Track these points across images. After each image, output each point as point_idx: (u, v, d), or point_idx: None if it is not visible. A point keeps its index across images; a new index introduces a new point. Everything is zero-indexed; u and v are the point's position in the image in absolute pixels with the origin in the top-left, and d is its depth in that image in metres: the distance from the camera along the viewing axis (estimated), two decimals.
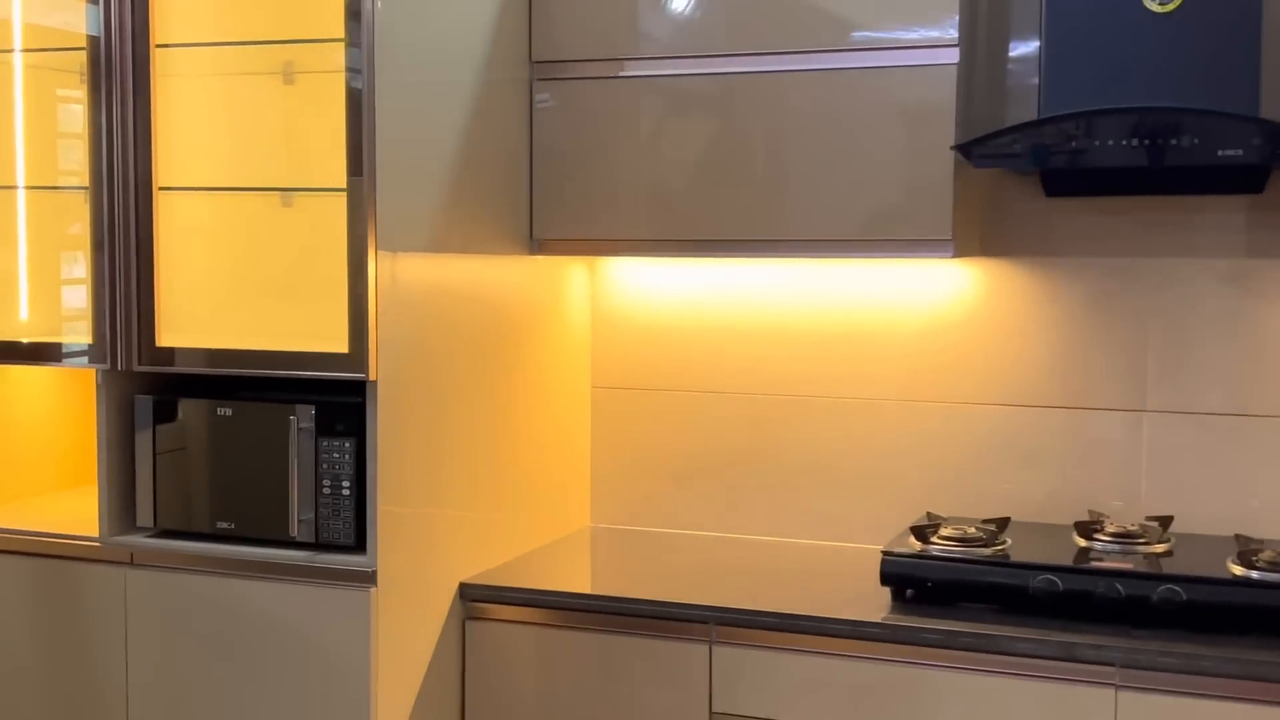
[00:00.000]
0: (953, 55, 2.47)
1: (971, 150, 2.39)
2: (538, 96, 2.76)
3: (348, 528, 2.40)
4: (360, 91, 2.30)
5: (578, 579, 2.79)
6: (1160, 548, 2.44)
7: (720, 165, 2.63)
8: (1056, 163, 2.38)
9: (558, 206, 2.77)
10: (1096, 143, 2.30)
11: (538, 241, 2.78)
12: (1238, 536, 2.42)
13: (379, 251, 2.32)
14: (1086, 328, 2.70)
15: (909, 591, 2.43)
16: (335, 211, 2.34)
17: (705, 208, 2.65)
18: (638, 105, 2.68)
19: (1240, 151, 2.22)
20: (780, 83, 2.58)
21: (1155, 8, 2.37)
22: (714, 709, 2.40)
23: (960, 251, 2.56)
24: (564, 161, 2.75)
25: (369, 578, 2.35)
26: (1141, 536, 2.47)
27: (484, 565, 2.66)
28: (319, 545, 2.43)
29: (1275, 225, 2.54)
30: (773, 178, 2.60)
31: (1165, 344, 2.65)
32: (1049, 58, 2.45)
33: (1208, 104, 2.28)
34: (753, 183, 2.61)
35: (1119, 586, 2.27)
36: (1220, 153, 2.23)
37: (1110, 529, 2.51)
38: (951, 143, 2.45)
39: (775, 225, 2.60)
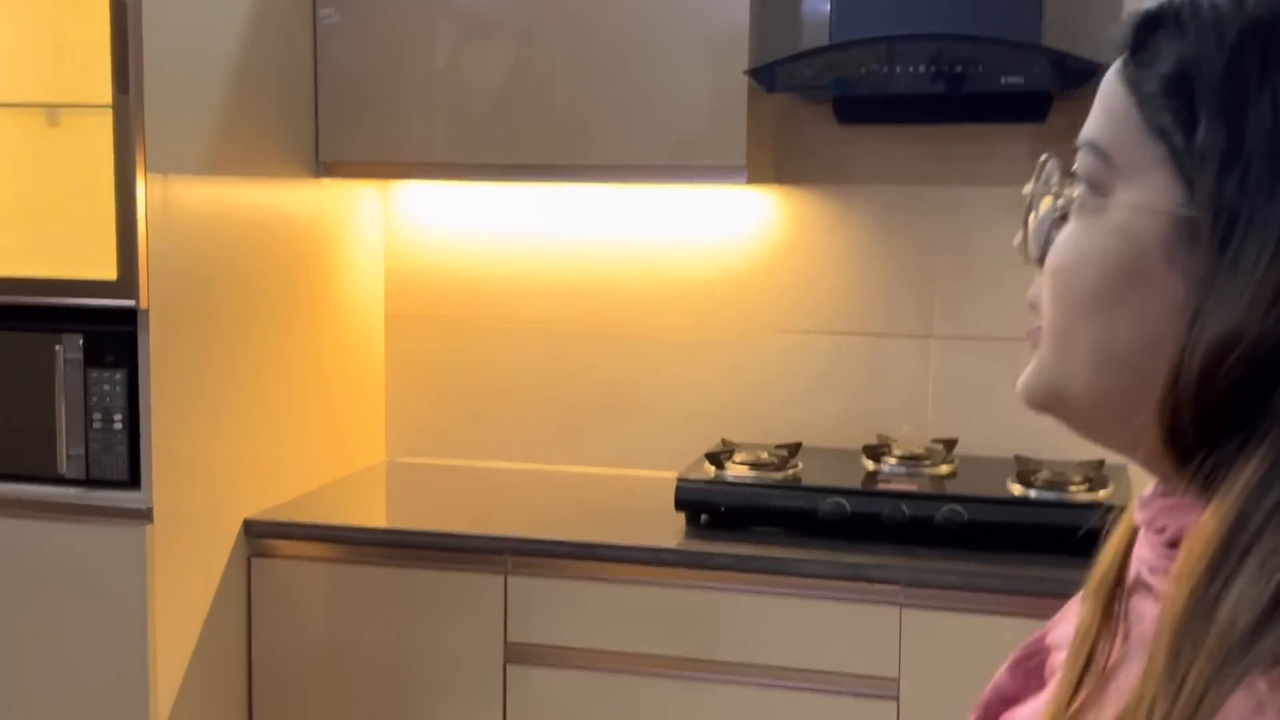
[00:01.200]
0: None
1: (764, 76, 2.38)
2: (322, 12, 2.64)
3: (121, 463, 2.28)
4: (125, 1, 2.16)
5: (370, 513, 2.73)
6: (944, 469, 2.50)
7: (517, 87, 2.57)
8: (847, 89, 2.39)
9: (346, 128, 2.67)
10: (885, 69, 2.31)
11: (324, 165, 2.68)
12: (1017, 457, 2.49)
13: (148, 174, 2.19)
14: (877, 255, 2.73)
15: (703, 517, 2.44)
16: (106, 131, 2.21)
17: (502, 131, 2.59)
18: (431, 24, 2.60)
19: (1022, 79, 2.26)
20: (578, 3, 2.52)
21: None
22: (509, 639, 2.38)
23: (754, 179, 2.55)
24: (352, 81, 2.65)
25: (144, 515, 2.25)
26: (927, 459, 2.53)
27: (271, 501, 2.57)
28: (90, 482, 2.31)
29: (1058, 155, 2.60)
30: (570, 102, 2.55)
31: (952, 272, 2.70)
32: None
33: (992, 31, 2.31)
34: (550, 106, 2.56)
35: (904, 508, 2.31)
36: (1003, 80, 2.27)
37: (897, 452, 2.56)
38: (746, 67, 2.44)
39: (572, 150, 2.56)
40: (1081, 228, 0.68)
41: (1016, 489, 2.36)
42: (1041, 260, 0.71)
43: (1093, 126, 0.68)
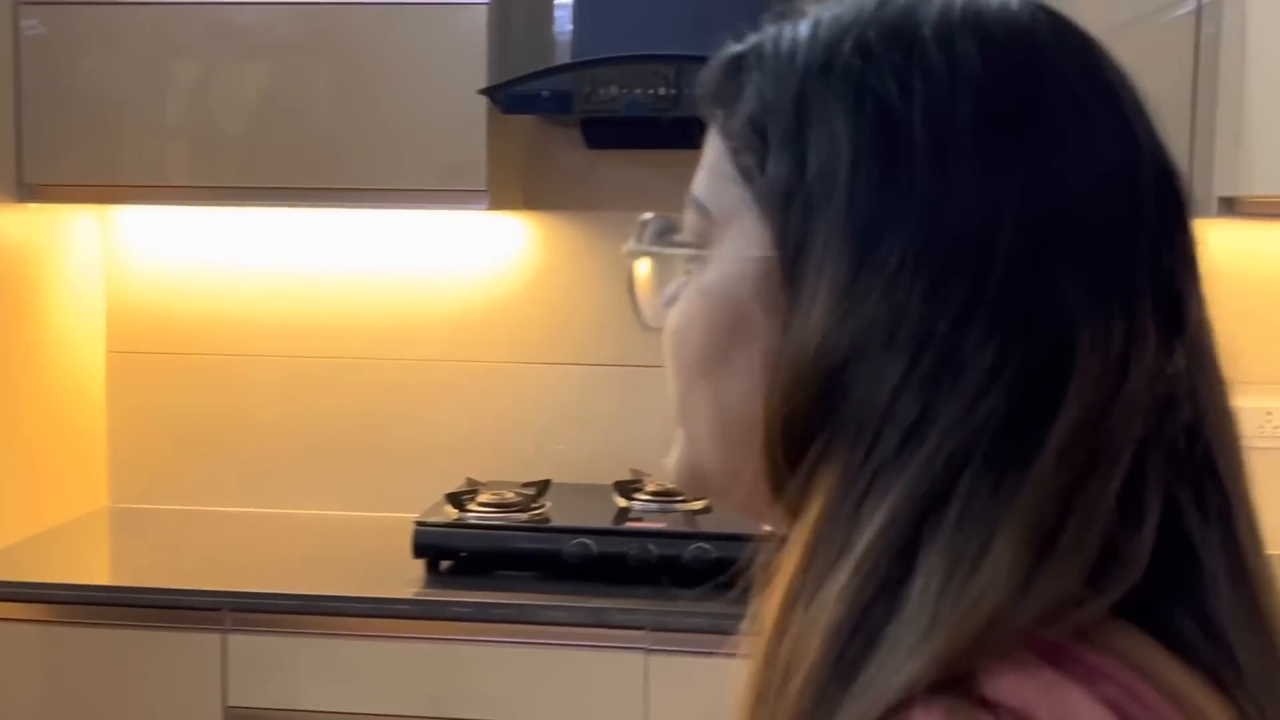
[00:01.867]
0: None
1: (498, 95, 2.27)
2: (25, 23, 2.42)
3: None
4: None
5: (85, 567, 2.51)
6: (698, 505, 2.41)
7: (245, 105, 2.40)
8: (582, 111, 2.29)
9: (55, 148, 2.45)
10: (623, 91, 2.22)
11: (29, 187, 2.45)
12: None
13: None
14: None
15: (443, 563, 2.30)
16: None
17: (237, 153, 2.41)
18: (155, 35, 2.40)
19: None
20: (317, 19, 2.37)
21: None
22: (228, 702, 2.19)
23: (499, 205, 2.43)
24: (62, 97, 2.43)
25: None
26: (680, 495, 2.44)
27: None
28: None
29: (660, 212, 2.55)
30: (312, 124, 2.39)
31: None
32: (582, 1, 2.36)
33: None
34: (279, 125, 2.39)
35: (651, 547, 2.22)
36: None
37: (650, 487, 2.46)
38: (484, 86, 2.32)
39: (315, 173, 2.40)
40: (689, 289, 0.64)
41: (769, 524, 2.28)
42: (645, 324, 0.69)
43: (696, 182, 0.64)
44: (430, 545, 2.28)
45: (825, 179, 0.56)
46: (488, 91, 2.26)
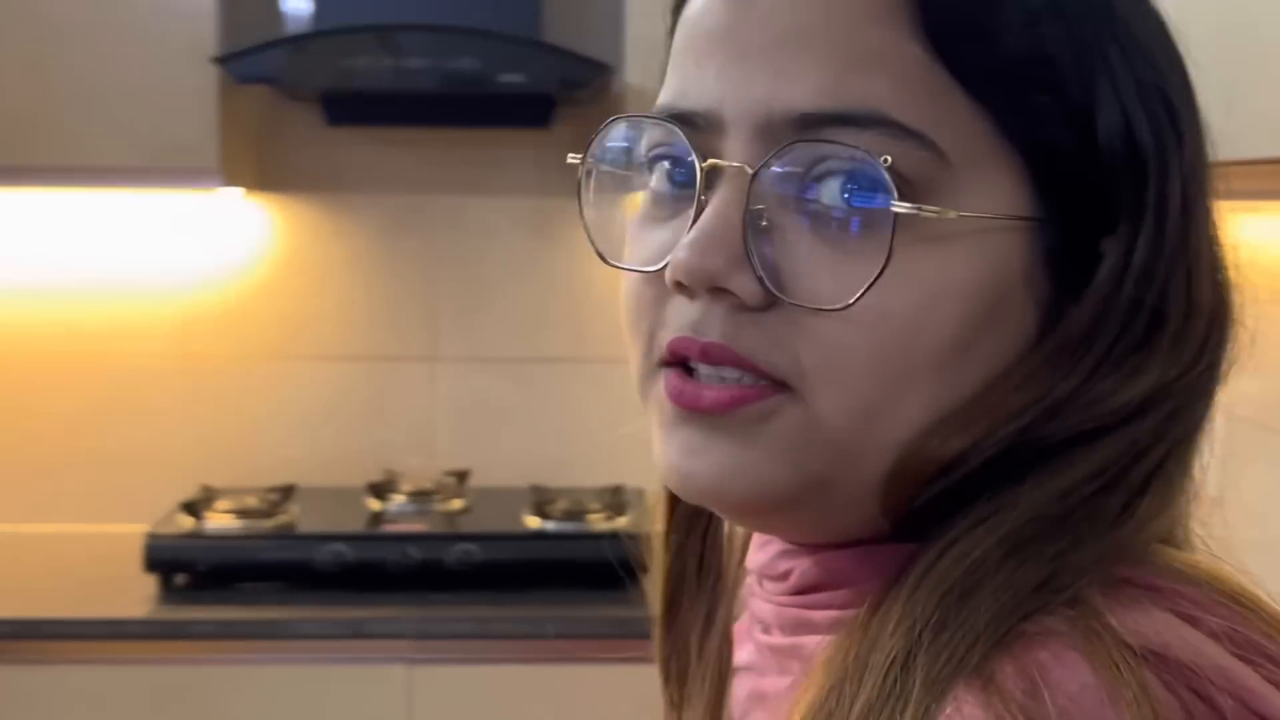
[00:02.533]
0: None
1: (231, 64, 2.08)
2: None
3: None
4: None
5: None
6: (457, 504, 2.29)
7: None
8: (332, 84, 2.13)
9: None
10: (373, 63, 2.07)
11: None
12: (534, 487, 2.31)
13: None
14: (377, 272, 2.48)
15: (179, 578, 2.10)
16: None
17: None
18: None
19: (522, 77, 2.08)
20: None
21: None
22: None
23: (232, 183, 2.24)
24: None
25: None
26: (437, 494, 2.30)
27: None
28: None
29: (562, 164, 2.45)
30: (15, 93, 2.13)
31: (459, 288, 2.48)
32: None
33: (487, 25, 2.12)
34: None
35: (411, 551, 2.07)
36: (502, 78, 2.08)
37: (406, 488, 2.32)
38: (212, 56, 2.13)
39: (20, 149, 2.14)
40: (914, 257, 0.48)
41: (533, 522, 2.17)
42: (766, 294, 0.50)
43: (872, 92, 0.48)
44: (164, 559, 2.07)
45: (1131, 139, 0.49)
46: (222, 61, 2.06)
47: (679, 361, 0.51)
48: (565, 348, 2.49)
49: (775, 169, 0.49)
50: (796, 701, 0.48)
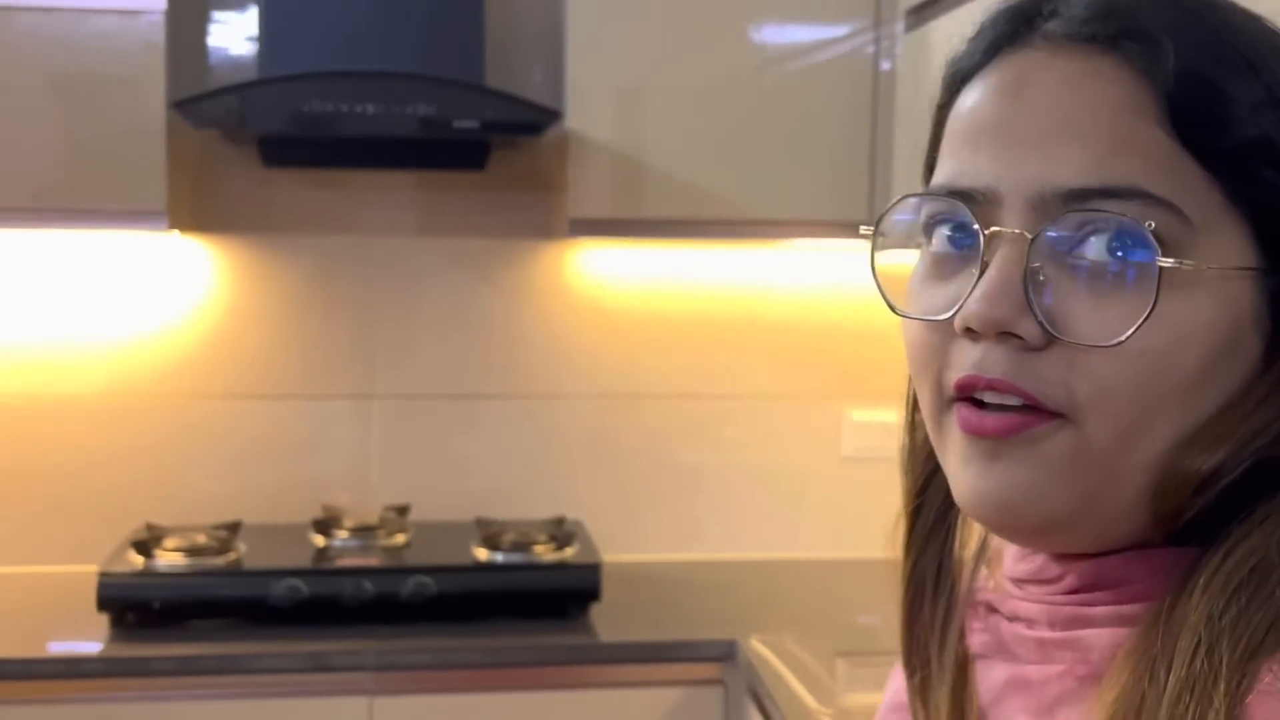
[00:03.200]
0: (159, 2, 2.16)
1: (188, 110, 2.11)
2: None
3: None
4: None
5: None
6: (401, 539, 2.33)
7: None
8: (278, 128, 2.18)
9: None
10: (315, 108, 2.12)
11: None
12: (479, 520, 2.37)
13: None
14: (310, 309, 2.52)
15: (130, 616, 2.10)
16: None
17: None
18: None
19: (476, 124, 2.15)
20: None
21: None
22: None
23: (175, 224, 2.27)
24: None
25: None
26: (380, 529, 2.35)
27: None
28: None
29: (497, 205, 2.52)
30: None
31: (394, 327, 2.54)
32: (267, 15, 2.25)
33: (436, 71, 2.19)
34: None
35: (367, 584, 2.12)
36: (455, 124, 2.15)
37: (348, 524, 2.36)
38: (163, 102, 2.16)
39: None
40: (1168, 303, 0.59)
41: (483, 553, 2.23)
42: (1045, 336, 0.60)
43: (1129, 172, 0.59)
44: (117, 597, 2.08)
45: None
46: (178, 105, 2.10)
47: (965, 396, 0.61)
48: (498, 384, 2.55)
49: (1050, 233, 0.59)
50: (1106, 687, 0.58)
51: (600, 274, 2.55)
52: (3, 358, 2.42)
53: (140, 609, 2.10)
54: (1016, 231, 0.60)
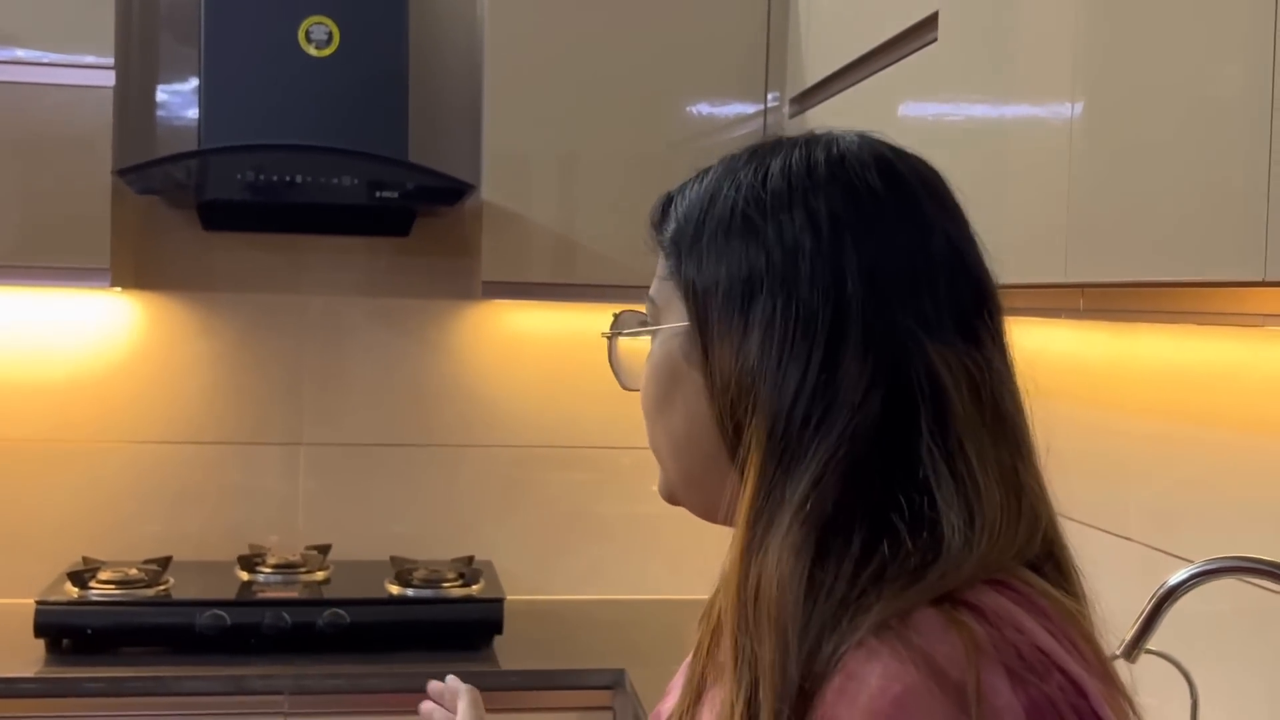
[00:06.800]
0: (108, 78, 2.37)
1: (131, 177, 2.32)
2: None
3: None
4: None
5: None
6: (321, 575, 2.51)
7: None
8: (217, 194, 2.38)
9: None
10: (253, 177, 2.32)
11: None
12: (393, 558, 2.55)
13: None
14: (244, 363, 2.71)
15: (66, 642, 2.27)
16: None
17: None
18: None
19: (396, 194, 2.37)
20: None
21: (313, 52, 2.46)
22: None
23: (117, 282, 2.45)
24: None
25: None
26: (303, 566, 2.52)
27: None
28: None
29: (420, 268, 2.73)
30: None
31: (320, 378, 2.72)
32: (208, 91, 2.45)
33: (362, 146, 2.40)
34: None
35: (285, 615, 2.29)
36: (378, 194, 2.36)
37: (272, 560, 2.53)
38: (110, 168, 2.35)
39: None
40: (649, 356, 0.89)
41: (395, 589, 2.42)
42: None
43: (653, 286, 0.89)
44: (52, 624, 2.25)
45: (711, 275, 0.83)
46: (123, 173, 2.29)
47: None
48: (419, 434, 2.74)
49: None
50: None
51: (515, 331, 2.76)
52: None
53: (74, 635, 2.27)
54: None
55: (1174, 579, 1.28)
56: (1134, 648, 1.29)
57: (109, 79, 2.38)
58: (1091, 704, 0.71)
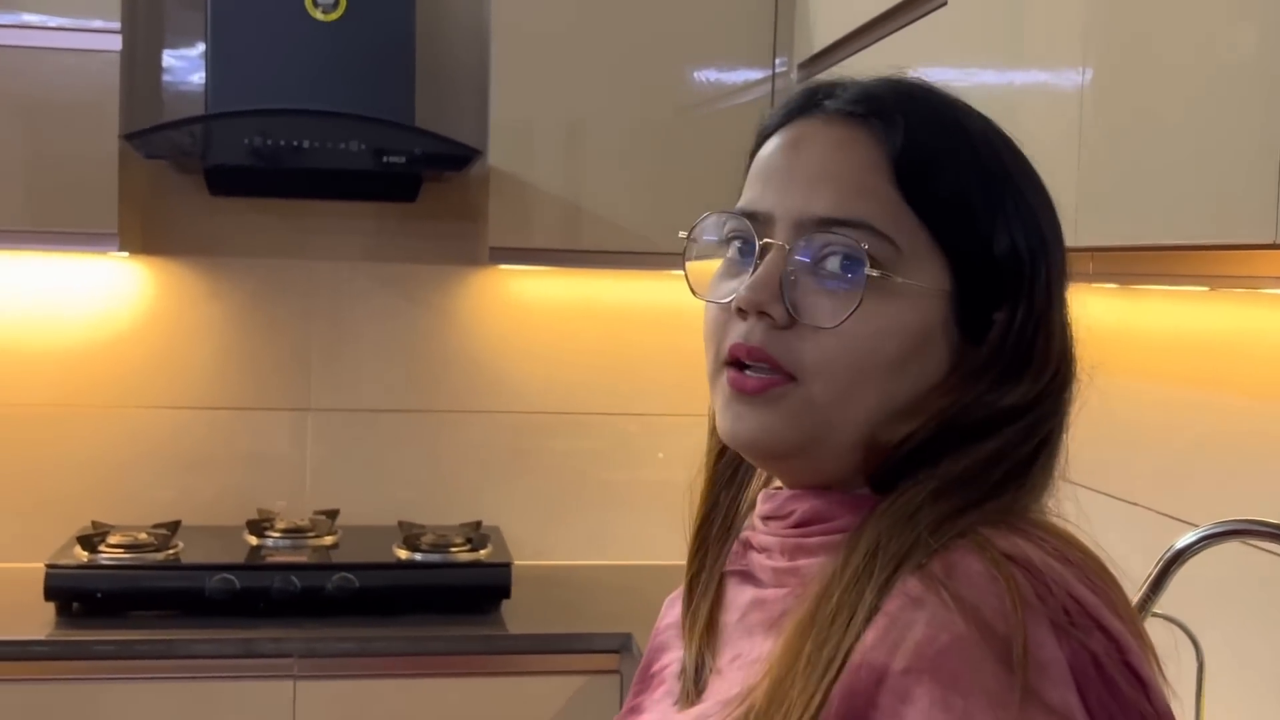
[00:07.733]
0: (115, 42, 2.36)
1: (137, 142, 2.31)
2: None
3: None
4: None
5: None
6: (329, 540, 2.52)
7: None
8: (224, 159, 2.37)
9: None
10: (259, 142, 2.32)
11: None
12: (401, 523, 2.56)
13: None
14: (252, 329, 2.71)
15: (76, 605, 2.28)
16: None
17: None
18: None
19: (404, 159, 2.36)
20: None
21: (319, 16, 2.45)
22: None
23: (125, 246, 2.46)
24: None
25: None
26: (311, 530, 2.53)
27: None
28: None
29: (426, 233, 2.73)
30: None
31: (327, 344, 2.73)
32: (215, 56, 2.44)
33: (369, 111, 2.40)
34: None
35: (295, 580, 2.30)
36: (386, 159, 2.36)
37: (281, 525, 2.54)
38: (117, 133, 2.35)
39: None
40: (876, 304, 0.80)
41: (403, 553, 2.43)
42: (785, 317, 0.81)
43: (861, 210, 0.81)
44: (63, 588, 2.26)
45: (1015, 254, 0.83)
46: (130, 137, 2.29)
47: (734, 361, 0.83)
48: (425, 400, 2.75)
49: (801, 245, 0.82)
50: (801, 596, 0.79)
51: (522, 298, 2.76)
52: None
53: (84, 599, 2.28)
54: (780, 244, 0.82)
55: (1181, 542, 1.29)
56: (1141, 611, 1.29)
57: (116, 43, 2.37)
58: (1131, 660, 0.73)
